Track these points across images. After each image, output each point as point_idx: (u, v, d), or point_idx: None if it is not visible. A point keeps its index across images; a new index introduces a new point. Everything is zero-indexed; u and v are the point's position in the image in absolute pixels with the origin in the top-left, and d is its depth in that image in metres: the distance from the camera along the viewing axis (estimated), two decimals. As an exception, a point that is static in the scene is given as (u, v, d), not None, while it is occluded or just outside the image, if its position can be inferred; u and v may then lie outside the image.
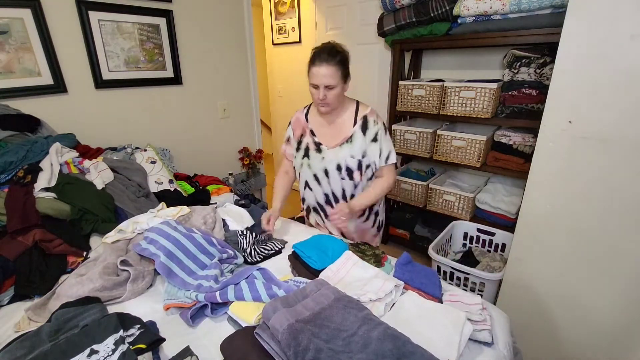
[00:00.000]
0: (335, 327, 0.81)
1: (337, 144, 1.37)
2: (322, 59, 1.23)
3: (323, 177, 1.42)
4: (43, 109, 1.73)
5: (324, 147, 1.39)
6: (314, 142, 1.41)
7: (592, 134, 1.18)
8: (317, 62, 1.23)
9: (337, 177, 1.39)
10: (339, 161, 1.36)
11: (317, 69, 1.23)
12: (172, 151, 2.25)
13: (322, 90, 1.25)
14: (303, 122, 1.45)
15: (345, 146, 1.35)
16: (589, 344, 1.39)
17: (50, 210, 1.30)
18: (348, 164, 1.36)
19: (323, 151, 1.39)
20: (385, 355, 0.74)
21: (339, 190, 1.42)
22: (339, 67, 1.24)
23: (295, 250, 1.23)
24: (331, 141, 1.38)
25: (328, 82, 1.23)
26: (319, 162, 1.40)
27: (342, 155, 1.36)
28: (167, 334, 0.89)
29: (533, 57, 1.77)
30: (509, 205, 2.00)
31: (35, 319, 0.98)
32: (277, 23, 3.52)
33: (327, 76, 1.23)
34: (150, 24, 2.06)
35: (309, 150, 1.42)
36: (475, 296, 1.01)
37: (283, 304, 0.84)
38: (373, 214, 1.54)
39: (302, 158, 1.45)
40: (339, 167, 1.37)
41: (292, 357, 0.72)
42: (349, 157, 1.35)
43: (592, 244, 1.28)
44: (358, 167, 1.36)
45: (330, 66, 1.22)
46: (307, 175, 1.46)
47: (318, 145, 1.40)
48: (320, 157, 1.39)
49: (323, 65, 1.22)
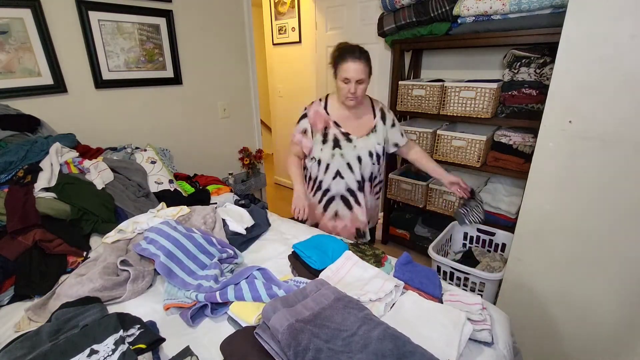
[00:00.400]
0: (335, 327, 0.81)
1: (365, 133, 1.51)
2: (355, 55, 1.34)
3: (356, 164, 1.52)
4: (43, 109, 1.74)
5: (353, 136, 1.50)
6: (342, 133, 1.50)
7: (592, 134, 1.18)
8: (350, 58, 1.34)
9: (369, 162, 1.54)
10: (370, 148, 1.51)
11: (350, 64, 1.34)
12: (172, 151, 2.25)
13: (354, 85, 1.36)
14: (324, 115, 1.53)
15: (372, 135, 1.52)
16: (589, 343, 1.39)
17: (50, 210, 1.30)
18: (377, 150, 1.53)
19: (354, 140, 1.50)
20: (385, 355, 0.74)
21: (368, 174, 1.57)
22: (367, 64, 1.38)
23: (295, 250, 1.23)
24: (358, 131, 1.51)
25: (359, 77, 1.35)
26: (351, 150, 1.51)
27: (372, 143, 1.52)
28: (167, 334, 0.89)
29: (533, 57, 1.77)
30: (509, 205, 2.00)
31: (35, 319, 0.98)
32: (277, 23, 3.52)
33: (359, 71, 1.34)
34: (150, 24, 2.07)
35: (339, 140, 1.50)
36: (475, 296, 1.01)
37: (283, 304, 0.84)
38: (380, 187, 1.74)
39: (333, 149, 1.51)
40: (371, 153, 1.52)
41: (292, 357, 0.72)
42: (377, 145, 1.52)
43: (592, 244, 1.28)
44: (383, 152, 1.58)
45: (362, 62, 1.35)
46: (339, 164, 1.53)
47: (347, 136, 1.50)
48: (352, 146, 1.50)
49: (357, 61, 1.34)
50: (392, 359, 0.74)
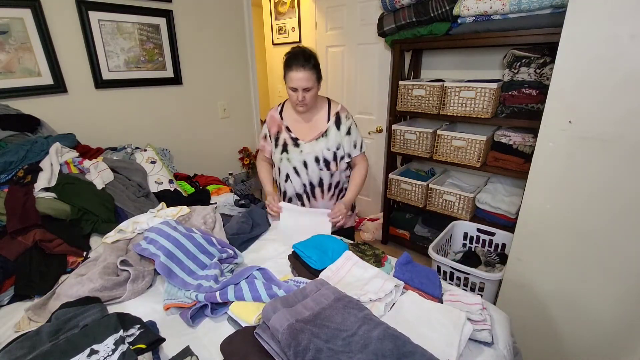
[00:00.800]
0: (335, 327, 0.81)
1: (313, 137, 1.48)
2: (298, 63, 1.32)
3: (302, 169, 1.52)
4: (43, 109, 1.74)
5: (301, 141, 1.49)
6: (290, 138, 1.51)
7: (592, 134, 1.18)
8: (294, 66, 1.33)
9: (315, 168, 1.51)
10: (317, 154, 1.49)
11: (295, 73, 1.33)
12: (172, 151, 2.25)
13: (301, 93, 1.36)
14: (278, 120, 1.55)
15: (321, 140, 1.48)
16: (589, 343, 1.39)
17: (50, 210, 1.30)
18: (325, 156, 1.49)
19: (300, 145, 1.49)
20: (385, 355, 0.74)
21: (317, 179, 1.54)
22: (314, 71, 1.35)
23: (295, 250, 1.23)
24: (307, 136, 1.50)
25: (306, 85, 1.34)
26: (297, 155, 1.50)
27: (319, 148, 1.48)
28: (167, 334, 0.89)
29: (533, 57, 1.77)
30: (509, 205, 2.00)
31: (35, 319, 0.98)
32: (277, 23, 3.52)
33: (304, 80, 1.33)
34: (150, 24, 2.07)
35: (287, 145, 1.51)
36: (475, 296, 1.01)
37: (283, 304, 0.84)
38: (343, 195, 1.63)
39: (281, 153, 1.53)
40: (317, 159, 1.49)
41: (292, 357, 0.72)
42: (325, 150, 1.48)
43: (592, 244, 1.28)
44: (333, 158, 1.50)
45: (306, 70, 1.32)
46: (286, 168, 1.55)
47: (295, 140, 1.50)
48: (299, 151, 1.50)
49: (300, 70, 1.32)
50: (392, 358, 0.74)
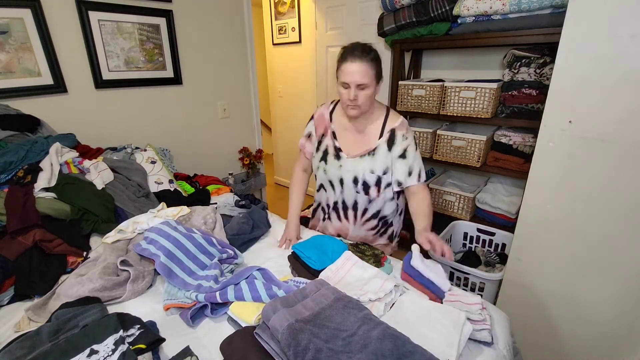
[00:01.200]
0: (335, 327, 0.81)
1: (358, 154, 1.27)
2: (355, 55, 1.12)
3: (337, 185, 1.34)
4: (43, 109, 1.74)
5: (343, 154, 1.30)
6: (334, 147, 1.31)
7: (592, 134, 1.18)
8: (349, 58, 1.13)
9: (351, 189, 1.31)
10: (357, 173, 1.27)
11: (349, 65, 1.13)
12: (172, 151, 2.25)
13: (354, 90, 1.14)
14: (326, 121, 1.35)
15: (367, 159, 1.26)
16: (589, 343, 1.39)
17: (50, 210, 1.30)
18: (366, 179, 1.27)
19: (342, 159, 1.29)
20: (385, 355, 0.74)
21: (351, 201, 1.35)
22: (372, 65, 1.14)
23: (295, 250, 1.23)
24: (352, 149, 1.29)
25: (360, 80, 1.12)
26: (335, 169, 1.31)
27: (361, 168, 1.27)
28: (167, 334, 0.89)
29: (533, 57, 1.77)
30: (509, 205, 2.00)
31: (35, 319, 0.98)
32: (277, 23, 3.52)
33: (359, 73, 1.12)
34: (150, 24, 2.07)
35: (327, 154, 1.33)
36: (475, 296, 1.01)
37: (283, 304, 0.84)
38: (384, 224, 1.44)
39: (320, 161, 1.36)
40: (356, 179, 1.28)
41: (292, 357, 0.72)
42: (368, 172, 1.26)
43: (592, 244, 1.28)
44: (376, 183, 1.27)
45: (363, 63, 1.12)
46: (321, 179, 1.40)
47: (338, 151, 1.31)
48: (338, 165, 1.30)
49: (356, 61, 1.12)
50: (392, 358, 0.74)
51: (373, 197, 1.31)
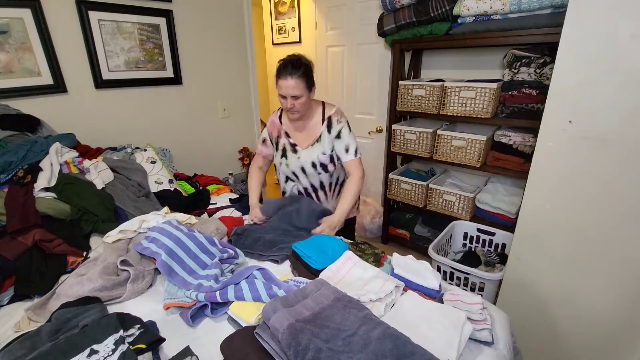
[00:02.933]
0: (335, 326, 0.81)
1: (309, 144, 1.51)
2: (286, 72, 1.34)
3: (301, 174, 1.56)
4: (43, 109, 1.73)
5: (298, 147, 1.53)
6: (289, 144, 1.55)
7: (592, 134, 1.18)
8: (282, 75, 1.35)
9: (313, 172, 1.54)
10: (313, 159, 1.51)
11: (282, 81, 1.35)
12: (172, 151, 2.25)
13: (290, 100, 1.37)
14: (277, 125, 1.58)
15: (317, 145, 1.50)
16: (589, 343, 1.39)
17: (50, 210, 1.30)
18: (321, 160, 1.51)
19: (298, 151, 1.53)
20: (385, 355, 0.74)
21: (317, 182, 1.58)
22: (302, 79, 1.35)
23: (295, 250, 1.23)
24: (304, 142, 1.53)
25: (293, 93, 1.35)
26: (295, 161, 1.54)
27: (315, 154, 1.50)
28: (167, 334, 0.89)
29: (533, 57, 1.77)
30: (509, 205, 2.00)
31: (35, 319, 0.98)
32: (277, 23, 3.52)
33: (292, 87, 1.34)
34: (150, 24, 2.06)
35: (286, 150, 1.56)
36: (475, 296, 1.01)
37: (283, 303, 0.84)
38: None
39: (281, 157, 1.58)
40: (314, 164, 1.52)
41: (292, 357, 0.72)
42: (321, 154, 1.50)
43: (592, 244, 1.28)
44: (330, 160, 1.52)
45: (293, 79, 1.34)
46: (285, 172, 1.60)
47: (294, 146, 1.54)
48: (296, 157, 1.53)
49: (288, 78, 1.34)
50: (392, 358, 0.74)
51: (332, 171, 1.56)
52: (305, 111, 1.46)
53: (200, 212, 1.68)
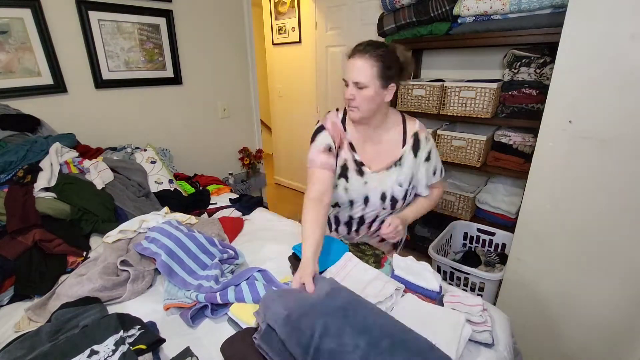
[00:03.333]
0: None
1: (384, 167, 1.13)
2: (359, 49, 1.01)
3: (360, 204, 1.18)
4: (43, 109, 1.73)
5: (366, 168, 1.14)
6: (354, 161, 1.14)
7: (592, 134, 1.18)
8: (352, 54, 1.03)
9: (378, 205, 1.17)
10: (385, 189, 1.13)
11: (350, 60, 1.02)
12: (172, 151, 2.25)
13: (350, 88, 1.03)
14: (340, 130, 1.15)
15: (393, 170, 1.13)
16: (590, 343, 1.39)
17: (50, 210, 1.30)
18: (394, 193, 1.14)
19: (366, 174, 1.14)
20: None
21: (371, 217, 1.22)
22: (376, 62, 0.99)
23: (295, 251, 1.23)
24: (376, 162, 1.14)
25: (356, 78, 1.00)
26: (360, 187, 1.14)
27: (390, 183, 1.13)
28: (167, 335, 0.89)
29: (533, 57, 1.77)
30: (509, 205, 2.00)
31: (35, 319, 0.98)
32: (277, 23, 3.52)
33: (357, 68, 1.00)
34: (150, 24, 2.06)
35: (347, 169, 1.15)
36: (475, 297, 1.01)
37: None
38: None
39: (339, 178, 1.16)
40: (384, 196, 1.14)
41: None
42: (397, 186, 1.13)
43: (592, 244, 1.28)
44: (403, 196, 1.15)
45: (364, 58, 0.99)
46: (340, 197, 1.19)
47: (360, 166, 1.14)
48: (363, 182, 1.14)
49: (357, 56, 1.00)
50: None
51: (398, 208, 1.20)
52: (369, 112, 1.07)
53: (200, 212, 1.68)
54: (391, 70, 1.03)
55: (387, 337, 0.74)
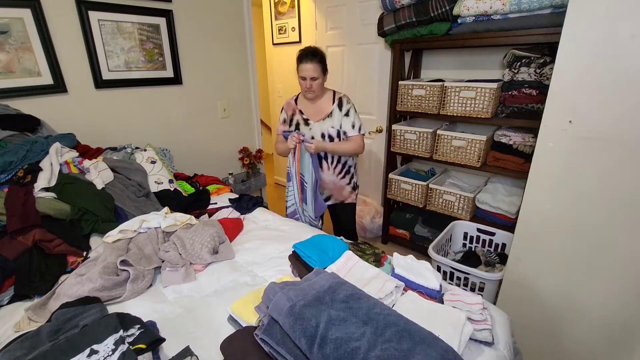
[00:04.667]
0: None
1: (321, 118, 1.78)
2: (307, 58, 1.64)
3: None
4: (43, 109, 1.73)
5: (311, 121, 1.80)
6: (302, 119, 1.82)
7: (592, 134, 1.18)
8: (303, 60, 1.65)
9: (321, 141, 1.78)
10: (323, 131, 1.77)
11: (303, 65, 1.65)
12: (172, 151, 2.25)
13: (309, 81, 1.66)
14: (293, 105, 1.87)
15: (327, 120, 1.77)
16: (589, 343, 1.39)
17: (50, 210, 1.30)
18: (330, 132, 1.77)
19: (310, 124, 1.80)
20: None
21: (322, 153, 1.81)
22: (319, 64, 1.66)
23: (295, 250, 1.23)
24: (316, 117, 1.80)
25: (312, 75, 1.65)
26: (307, 131, 1.80)
27: (325, 127, 1.77)
28: (167, 334, 0.89)
29: (533, 57, 1.77)
30: (509, 205, 2.00)
31: (35, 319, 0.98)
32: (277, 23, 3.52)
33: (311, 70, 1.64)
34: (150, 24, 2.06)
35: (299, 124, 1.83)
36: (476, 296, 1.01)
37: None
38: (347, 171, 1.89)
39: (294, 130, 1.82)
40: (323, 135, 1.78)
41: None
42: (330, 127, 1.77)
43: (592, 244, 1.28)
44: (337, 134, 1.78)
45: (312, 63, 1.64)
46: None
47: (306, 121, 1.81)
48: (308, 129, 1.80)
49: (308, 62, 1.63)
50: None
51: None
52: (320, 92, 1.74)
53: (200, 212, 1.68)
54: (325, 65, 1.72)
55: (391, 326, 0.74)
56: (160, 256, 1.25)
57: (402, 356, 0.68)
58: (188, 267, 1.23)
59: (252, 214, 1.75)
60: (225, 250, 1.35)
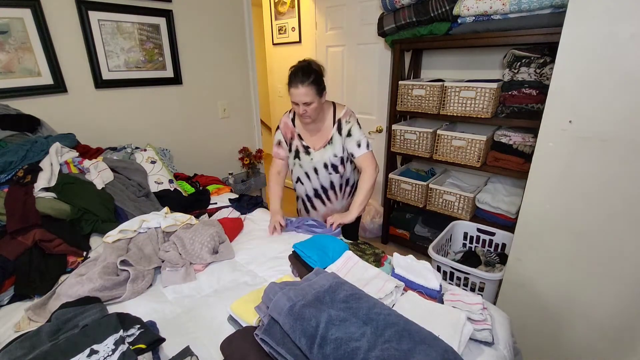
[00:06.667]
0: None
1: (322, 146, 1.57)
2: (298, 80, 1.40)
3: (313, 175, 1.63)
4: (43, 109, 1.73)
5: (311, 149, 1.59)
6: (302, 146, 1.60)
7: (592, 134, 1.18)
8: (294, 84, 1.41)
9: (325, 173, 1.61)
10: (325, 161, 1.58)
11: (294, 90, 1.41)
12: (172, 151, 2.25)
13: (302, 107, 1.43)
14: (291, 127, 1.62)
15: (328, 147, 1.56)
16: (589, 343, 1.39)
17: (50, 210, 1.30)
18: (332, 162, 1.58)
19: (311, 153, 1.59)
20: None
21: (328, 183, 1.64)
22: (313, 86, 1.40)
23: (295, 250, 1.23)
24: (317, 144, 1.58)
25: (305, 100, 1.40)
26: (308, 162, 1.61)
27: (327, 156, 1.57)
28: (167, 334, 0.89)
29: (533, 57, 1.77)
30: (509, 205, 2.00)
31: (35, 319, 0.98)
32: (277, 23, 3.52)
33: (303, 95, 1.40)
34: (150, 24, 2.06)
35: (299, 152, 1.62)
36: (476, 296, 1.01)
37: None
38: (355, 188, 1.73)
39: (294, 158, 1.64)
40: (326, 165, 1.59)
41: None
42: (332, 157, 1.56)
43: (592, 244, 1.28)
44: (341, 162, 1.59)
45: (305, 86, 1.39)
46: (298, 172, 1.67)
47: (306, 149, 1.59)
48: (309, 159, 1.60)
49: (299, 86, 1.39)
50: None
51: (342, 172, 1.62)
52: (317, 115, 1.50)
53: (200, 212, 1.68)
54: (321, 85, 1.44)
55: (391, 327, 0.75)
56: (160, 256, 1.25)
57: (402, 356, 0.68)
58: (188, 267, 1.23)
59: (252, 214, 1.75)
60: (225, 250, 1.35)
